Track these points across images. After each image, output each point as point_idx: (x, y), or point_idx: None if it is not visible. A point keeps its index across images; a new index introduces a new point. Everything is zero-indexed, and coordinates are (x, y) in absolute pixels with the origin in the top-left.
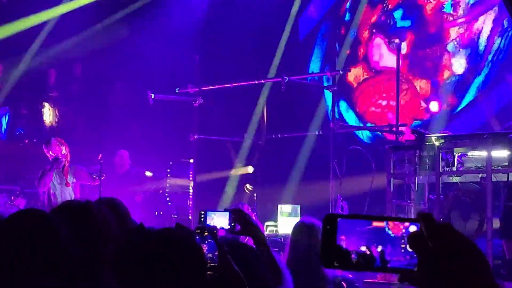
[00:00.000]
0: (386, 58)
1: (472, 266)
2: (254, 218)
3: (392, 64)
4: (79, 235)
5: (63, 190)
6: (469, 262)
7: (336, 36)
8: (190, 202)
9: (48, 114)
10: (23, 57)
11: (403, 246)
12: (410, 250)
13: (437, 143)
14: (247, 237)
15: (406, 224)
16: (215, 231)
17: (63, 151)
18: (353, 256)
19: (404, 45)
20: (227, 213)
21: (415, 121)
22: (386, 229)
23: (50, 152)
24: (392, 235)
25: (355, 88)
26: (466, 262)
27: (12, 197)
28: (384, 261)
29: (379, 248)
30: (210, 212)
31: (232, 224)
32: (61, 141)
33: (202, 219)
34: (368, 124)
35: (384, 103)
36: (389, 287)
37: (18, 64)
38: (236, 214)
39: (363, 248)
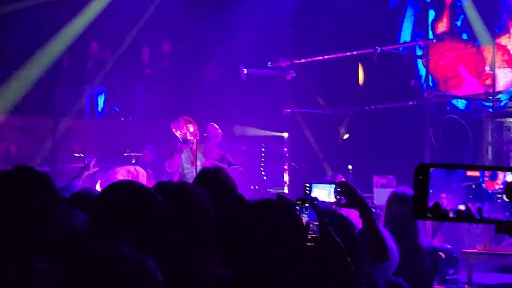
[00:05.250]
0: None
1: None
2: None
3: None
4: (174, 217)
5: (193, 170)
6: None
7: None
8: (287, 176)
9: (143, 92)
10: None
11: (499, 196)
12: (507, 200)
13: None
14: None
15: (502, 177)
16: (315, 202)
17: (191, 129)
18: (451, 214)
19: None
20: (332, 186)
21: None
22: (483, 185)
23: (178, 132)
24: (489, 191)
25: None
26: None
27: None
28: (482, 217)
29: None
30: (315, 184)
31: (338, 197)
32: (189, 119)
33: (307, 192)
34: None
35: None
36: (489, 257)
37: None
38: (342, 187)
39: (462, 207)
